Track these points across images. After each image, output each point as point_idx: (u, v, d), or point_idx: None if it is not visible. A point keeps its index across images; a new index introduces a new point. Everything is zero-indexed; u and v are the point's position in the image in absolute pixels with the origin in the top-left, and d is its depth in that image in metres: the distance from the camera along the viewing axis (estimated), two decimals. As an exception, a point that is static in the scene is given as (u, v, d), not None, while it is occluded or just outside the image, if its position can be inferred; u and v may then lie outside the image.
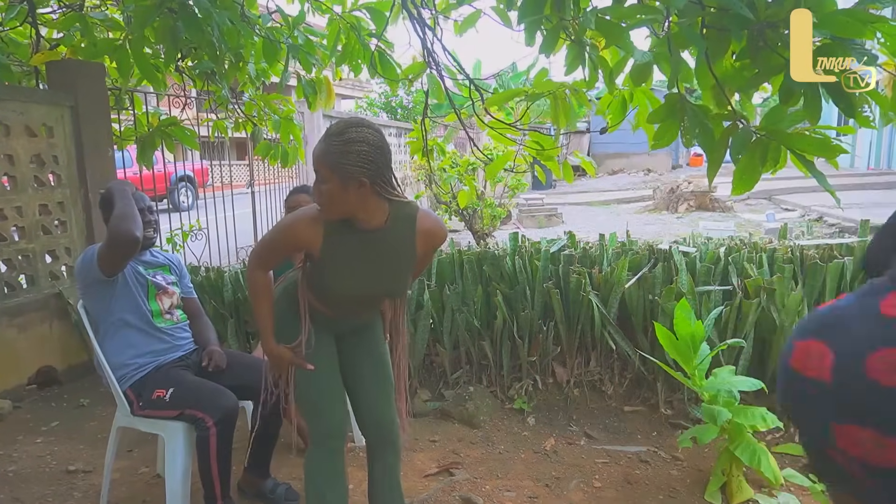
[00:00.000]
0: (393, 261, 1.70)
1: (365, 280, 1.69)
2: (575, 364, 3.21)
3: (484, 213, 7.67)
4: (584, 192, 17.65)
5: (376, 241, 1.65)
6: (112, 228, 2.11)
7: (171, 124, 4.32)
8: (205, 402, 2.05)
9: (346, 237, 1.64)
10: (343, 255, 1.65)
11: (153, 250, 2.46)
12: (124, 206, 2.16)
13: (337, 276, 1.66)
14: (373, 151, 1.54)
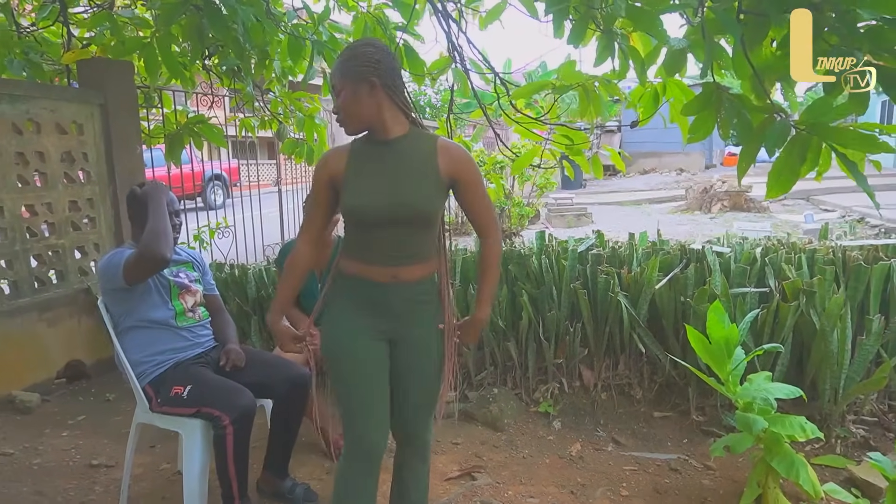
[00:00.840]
0: (415, 171, 1.60)
1: (388, 190, 1.58)
2: (603, 367, 3.11)
3: (512, 212, 7.58)
4: (615, 191, 17.39)
5: (397, 151, 1.61)
6: (144, 247, 2.08)
7: (199, 122, 4.34)
8: (222, 400, 2.02)
9: (367, 150, 1.63)
10: (366, 167, 1.61)
11: (177, 247, 2.44)
12: (158, 223, 2.13)
13: (361, 190, 1.59)
14: (377, 52, 1.57)
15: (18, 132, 3.35)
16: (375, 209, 1.57)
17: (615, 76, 2.23)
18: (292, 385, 2.30)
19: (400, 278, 1.64)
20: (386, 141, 1.61)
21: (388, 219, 1.58)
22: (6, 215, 3.29)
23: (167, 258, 2.10)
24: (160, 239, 2.09)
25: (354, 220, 1.62)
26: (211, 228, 4.84)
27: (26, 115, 3.39)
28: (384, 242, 1.62)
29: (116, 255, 2.16)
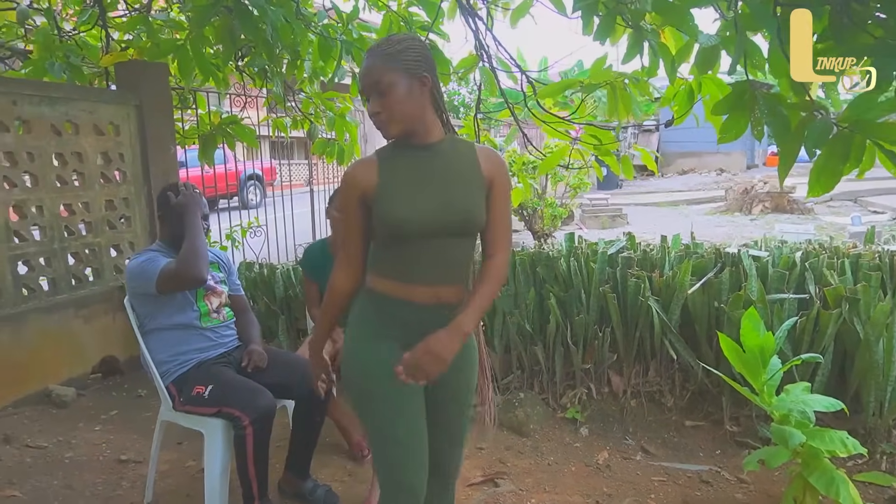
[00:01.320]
0: (463, 177, 1.44)
1: (437, 198, 1.41)
2: (632, 373, 3.03)
3: (544, 212, 7.48)
4: (652, 192, 17.05)
5: (436, 155, 1.44)
6: (182, 266, 2.10)
7: (232, 123, 4.40)
8: (242, 400, 2.02)
9: (401, 157, 1.44)
10: (403, 175, 1.42)
11: (211, 250, 2.46)
12: (196, 243, 2.16)
13: (403, 200, 1.40)
14: (424, 48, 1.43)
15: (58, 133, 3.44)
16: (422, 219, 1.39)
17: (645, 74, 2.15)
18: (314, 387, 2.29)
19: (443, 299, 1.45)
20: (425, 145, 1.44)
21: (437, 229, 1.40)
22: (45, 214, 3.38)
23: (204, 278, 2.15)
24: (199, 260, 2.13)
25: (394, 234, 1.41)
26: (243, 228, 4.90)
27: (65, 117, 3.48)
28: (428, 257, 1.42)
29: (151, 262, 2.16)
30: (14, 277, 3.21)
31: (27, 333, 3.22)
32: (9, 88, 3.21)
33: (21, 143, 3.26)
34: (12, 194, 3.22)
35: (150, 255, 2.20)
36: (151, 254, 2.22)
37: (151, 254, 2.22)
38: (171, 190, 2.30)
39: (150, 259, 2.18)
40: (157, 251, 2.27)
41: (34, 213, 3.34)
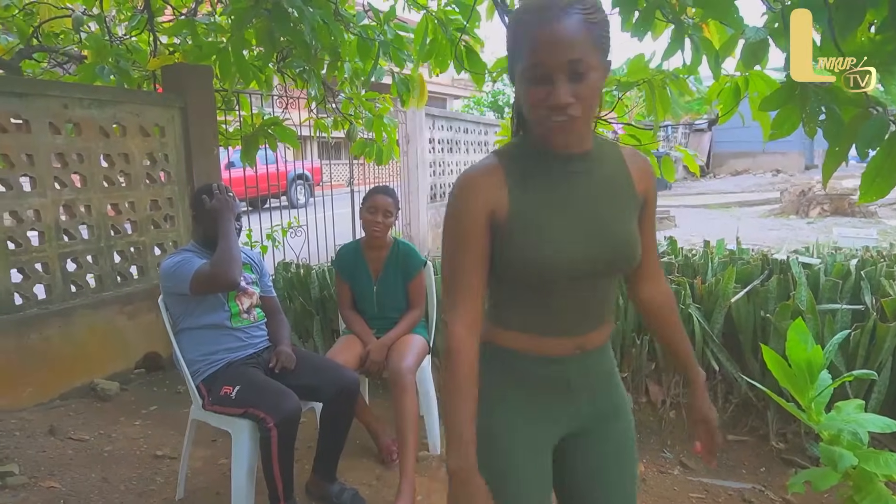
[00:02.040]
0: (616, 199, 1.12)
1: (587, 232, 1.08)
2: (672, 383, 2.91)
3: (586, 214, 7.33)
4: (702, 193, 16.54)
5: (588, 169, 1.10)
6: (215, 271, 2.13)
7: (273, 124, 4.46)
8: (267, 402, 2.03)
9: (537, 168, 1.08)
10: (543, 197, 1.07)
11: (242, 250, 2.49)
12: (230, 247, 2.19)
13: (545, 233, 1.06)
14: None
15: (106, 135, 3.55)
16: (570, 261, 1.06)
17: (686, 71, 2.05)
18: (340, 390, 2.28)
19: (585, 347, 1.15)
20: (580, 154, 1.08)
21: (586, 271, 1.08)
22: (93, 213, 3.49)
23: (237, 282, 2.18)
24: (232, 265, 2.15)
25: (528, 276, 1.08)
26: (283, 227, 4.97)
27: (113, 119, 3.59)
28: (570, 303, 1.11)
29: (185, 263, 2.19)
30: (63, 274, 3.33)
31: (75, 328, 3.33)
32: (60, 92, 3.33)
33: (71, 144, 3.37)
34: (62, 194, 3.33)
35: (184, 256, 2.23)
36: (186, 254, 2.25)
37: (186, 254, 2.25)
38: (204, 192, 2.33)
39: (185, 260, 2.21)
40: (192, 251, 2.30)
41: (83, 212, 3.45)
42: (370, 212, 2.69)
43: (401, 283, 2.78)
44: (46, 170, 3.24)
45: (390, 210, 2.69)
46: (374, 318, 2.81)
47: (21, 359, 3.07)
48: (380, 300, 2.79)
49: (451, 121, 9.22)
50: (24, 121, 3.16)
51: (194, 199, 2.36)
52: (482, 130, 10.53)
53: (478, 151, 10.34)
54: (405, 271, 2.78)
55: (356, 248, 2.86)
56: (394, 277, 2.77)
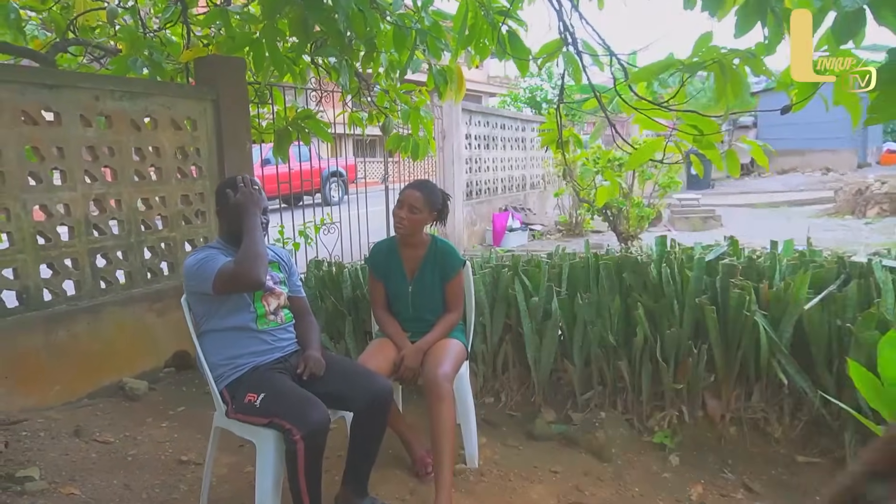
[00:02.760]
0: None
1: None
2: (732, 397, 2.66)
3: (630, 213, 7.04)
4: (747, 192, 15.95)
5: None
6: (239, 269, 1.99)
7: (306, 117, 4.34)
8: (293, 412, 1.87)
9: None
10: None
11: (271, 247, 2.35)
12: (254, 245, 2.04)
13: None
14: None
15: (137, 128, 3.47)
16: None
17: (763, 50, 1.81)
18: (373, 398, 2.12)
19: None
20: None
21: None
22: (124, 208, 3.42)
23: (262, 282, 2.04)
24: (257, 263, 2.01)
25: None
26: (316, 224, 4.85)
27: (145, 112, 3.51)
28: None
29: (208, 261, 2.05)
30: (93, 270, 3.26)
31: (103, 325, 3.26)
32: (92, 84, 3.25)
33: (102, 137, 3.30)
34: (93, 188, 3.26)
35: (208, 254, 2.10)
36: (210, 251, 2.12)
37: (210, 251, 2.12)
38: (228, 186, 2.19)
39: (208, 258, 2.07)
40: (217, 248, 2.17)
41: (113, 206, 3.38)
42: (397, 205, 2.53)
43: (438, 284, 2.61)
44: (77, 163, 3.17)
45: (416, 205, 2.51)
46: (408, 321, 2.64)
47: (49, 356, 3.00)
48: (415, 301, 2.62)
49: (487, 116, 9.02)
50: (54, 113, 3.09)
51: (218, 194, 2.23)
52: (520, 126, 10.30)
53: (515, 148, 10.11)
54: (443, 271, 2.61)
55: (391, 245, 2.70)
56: (430, 277, 2.60)
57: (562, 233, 9.64)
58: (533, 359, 2.98)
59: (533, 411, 3.01)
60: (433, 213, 2.59)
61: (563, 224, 9.74)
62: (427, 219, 2.57)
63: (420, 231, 2.59)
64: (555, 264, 3.13)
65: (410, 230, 2.54)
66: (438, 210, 2.61)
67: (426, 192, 2.56)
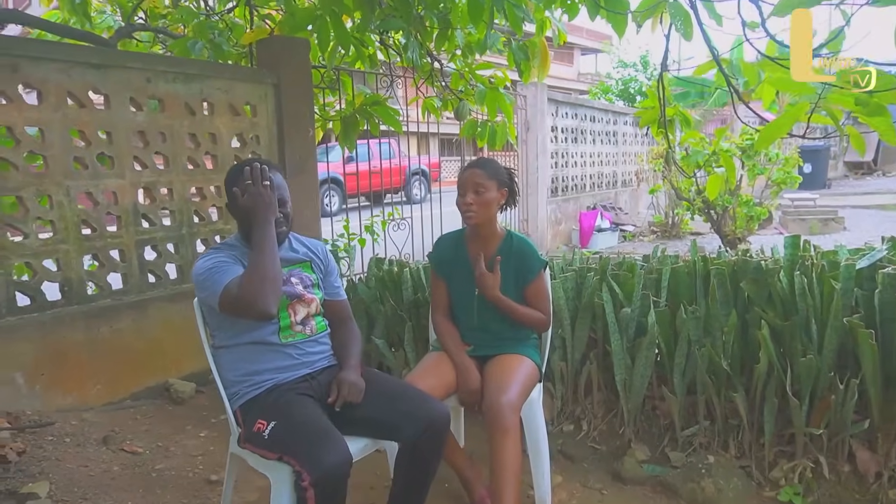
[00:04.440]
0: None
1: None
2: (892, 448, 2.02)
3: (737, 212, 6.22)
4: (870, 192, 14.23)
5: None
6: (242, 296, 1.61)
7: (374, 103, 4.00)
8: (305, 450, 1.49)
9: None
10: None
11: (294, 237, 1.99)
12: (262, 265, 1.64)
13: None
14: None
15: (191, 113, 3.25)
16: None
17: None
18: (426, 427, 1.72)
19: None
20: None
21: None
22: (175, 198, 3.20)
23: (271, 314, 1.64)
24: (264, 289, 1.61)
25: None
26: (384, 220, 4.50)
27: (200, 96, 3.28)
28: None
29: (215, 272, 1.69)
30: (140, 263, 3.05)
31: (149, 322, 3.05)
32: (143, 64, 3.05)
33: (153, 122, 3.09)
34: (142, 176, 3.06)
35: (216, 261, 1.72)
36: (219, 257, 1.74)
37: (219, 257, 1.74)
38: (233, 183, 1.78)
39: (216, 268, 1.70)
40: (231, 248, 1.83)
41: (164, 196, 3.17)
42: (459, 193, 2.10)
43: (511, 287, 2.15)
44: (125, 149, 2.97)
45: (481, 183, 2.07)
46: (472, 330, 2.21)
47: (90, 353, 2.81)
48: (482, 307, 2.17)
49: (576, 107, 8.41)
50: (103, 95, 2.91)
51: (226, 185, 1.85)
52: (611, 119, 9.59)
53: (605, 142, 9.42)
54: (518, 272, 2.15)
55: (458, 238, 2.27)
56: (503, 278, 2.14)
57: (656, 234, 8.85)
58: (622, 382, 2.46)
59: (621, 445, 2.48)
60: (502, 191, 2.14)
61: (657, 224, 8.94)
62: (497, 198, 2.12)
63: (493, 215, 2.14)
64: (652, 269, 2.59)
65: (483, 215, 2.10)
66: (507, 186, 2.15)
67: (487, 167, 2.12)
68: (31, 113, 2.64)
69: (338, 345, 1.94)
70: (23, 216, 2.64)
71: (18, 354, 2.58)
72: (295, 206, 1.95)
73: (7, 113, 2.57)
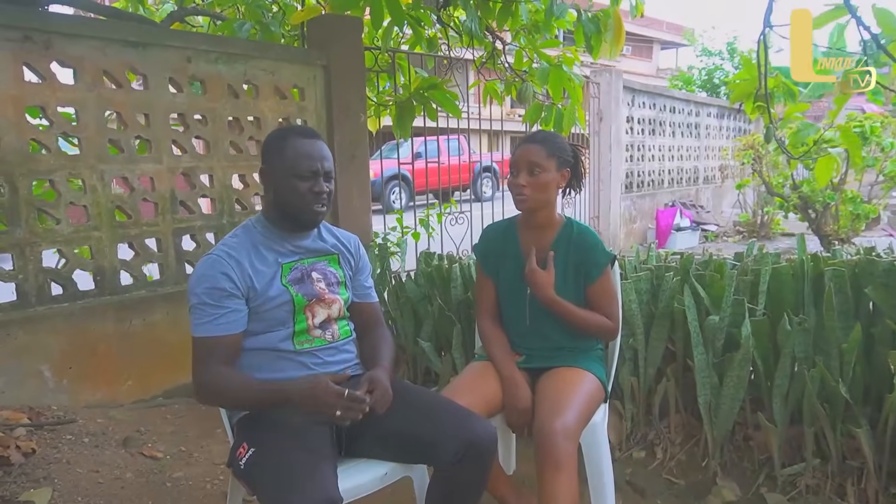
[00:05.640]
0: None
1: None
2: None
3: (841, 209, 5.51)
4: None
5: None
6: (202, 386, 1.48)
7: (431, 87, 3.71)
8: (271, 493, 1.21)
9: None
10: None
11: (324, 226, 1.70)
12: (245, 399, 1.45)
13: None
14: None
15: (234, 95, 3.07)
16: None
17: None
18: (468, 447, 1.42)
19: None
20: None
21: None
22: (216, 185, 3.03)
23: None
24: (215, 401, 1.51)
25: None
26: (439, 213, 4.20)
27: (244, 77, 3.09)
28: None
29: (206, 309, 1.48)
30: (178, 252, 2.89)
31: (185, 316, 2.85)
32: (183, 43, 2.88)
33: (194, 104, 2.93)
34: (181, 161, 2.90)
35: (211, 281, 1.47)
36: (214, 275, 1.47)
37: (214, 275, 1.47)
38: (275, 146, 1.55)
39: (206, 296, 1.47)
40: (249, 232, 1.57)
41: (204, 182, 3.00)
42: (511, 172, 1.76)
43: (570, 285, 1.80)
44: (163, 132, 2.81)
45: (538, 161, 1.73)
46: (523, 336, 1.87)
47: (121, 347, 2.66)
48: (535, 308, 1.83)
49: (654, 97, 7.82)
50: (140, 75, 2.76)
51: (263, 152, 1.61)
52: (693, 111, 8.90)
53: (686, 135, 8.75)
54: (579, 268, 1.80)
55: (508, 227, 1.94)
56: (561, 276, 1.79)
57: (742, 235, 8.11)
58: (707, 404, 2.04)
59: (704, 480, 2.07)
60: (563, 172, 1.79)
61: (744, 224, 8.20)
62: (557, 179, 1.78)
63: (551, 200, 1.80)
64: (746, 269, 2.15)
65: (538, 199, 1.76)
66: (570, 166, 1.80)
67: (548, 142, 1.77)
68: (64, 93, 2.52)
69: (366, 350, 1.66)
70: (55, 201, 2.52)
71: (46, 346, 2.46)
72: (344, 195, 1.74)
73: (40, 92, 2.45)
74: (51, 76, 2.48)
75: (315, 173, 1.53)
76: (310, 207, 1.53)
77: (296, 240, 1.60)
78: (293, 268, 1.57)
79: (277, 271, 1.54)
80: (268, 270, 1.53)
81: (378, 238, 3.76)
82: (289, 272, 1.56)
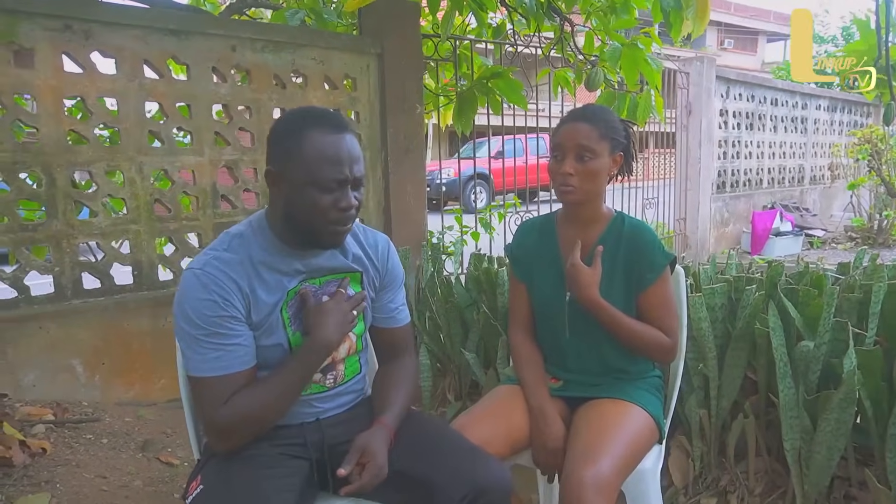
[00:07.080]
0: None
1: None
2: None
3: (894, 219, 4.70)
4: None
5: None
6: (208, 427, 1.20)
7: (494, 75, 3.45)
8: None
9: None
10: None
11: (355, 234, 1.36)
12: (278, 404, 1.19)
13: None
14: None
15: (282, 86, 2.95)
16: None
17: None
18: (476, 494, 1.18)
19: None
20: None
21: None
22: (260, 179, 2.92)
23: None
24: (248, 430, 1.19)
25: None
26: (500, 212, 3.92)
27: (292, 66, 2.97)
28: None
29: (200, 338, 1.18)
30: (218, 248, 2.80)
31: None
32: (227, 31, 2.78)
33: (238, 94, 2.82)
34: (223, 154, 2.80)
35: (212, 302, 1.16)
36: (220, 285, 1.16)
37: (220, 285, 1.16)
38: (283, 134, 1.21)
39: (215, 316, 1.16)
40: (241, 239, 1.22)
41: (247, 177, 2.90)
42: (553, 156, 1.47)
43: (619, 291, 1.48)
44: (206, 123, 2.73)
45: (588, 146, 1.43)
46: (561, 353, 1.58)
47: (155, 344, 2.60)
48: (576, 317, 1.52)
49: (752, 88, 7.11)
50: (182, 64, 2.68)
51: (268, 142, 1.24)
52: (799, 102, 8.05)
53: (791, 130, 7.93)
54: (631, 270, 1.48)
55: (545, 224, 1.65)
56: (607, 277, 1.48)
57: (855, 241, 7.22)
58: (796, 450, 1.65)
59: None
60: (616, 156, 1.48)
61: (857, 229, 7.30)
62: (609, 166, 1.48)
63: (601, 190, 1.50)
64: (853, 284, 1.73)
65: (587, 191, 1.47)
66: (623, 149, 1.49)
67: (598, 121, 1.46)
68: (104, 83, 2.47)
69: (380, 384, 1.38)
70: (92, 193, 2.48)
71: (79, 341, 2.42)
72: (398, 191, 1.49)
73: (80, 83, 2.41)
74: (91, 66, 2.43)
75: (342, 182, 1.16)
76: (332, 227, 1.19)
77: (307, 257, 1.26)
78: (298, 291, 1.25)
79: (279, 301, 1.22)
80: (268, 300, 1.21)
81: (433, 238, 3.55)
82: (292, 298, 1.24)
